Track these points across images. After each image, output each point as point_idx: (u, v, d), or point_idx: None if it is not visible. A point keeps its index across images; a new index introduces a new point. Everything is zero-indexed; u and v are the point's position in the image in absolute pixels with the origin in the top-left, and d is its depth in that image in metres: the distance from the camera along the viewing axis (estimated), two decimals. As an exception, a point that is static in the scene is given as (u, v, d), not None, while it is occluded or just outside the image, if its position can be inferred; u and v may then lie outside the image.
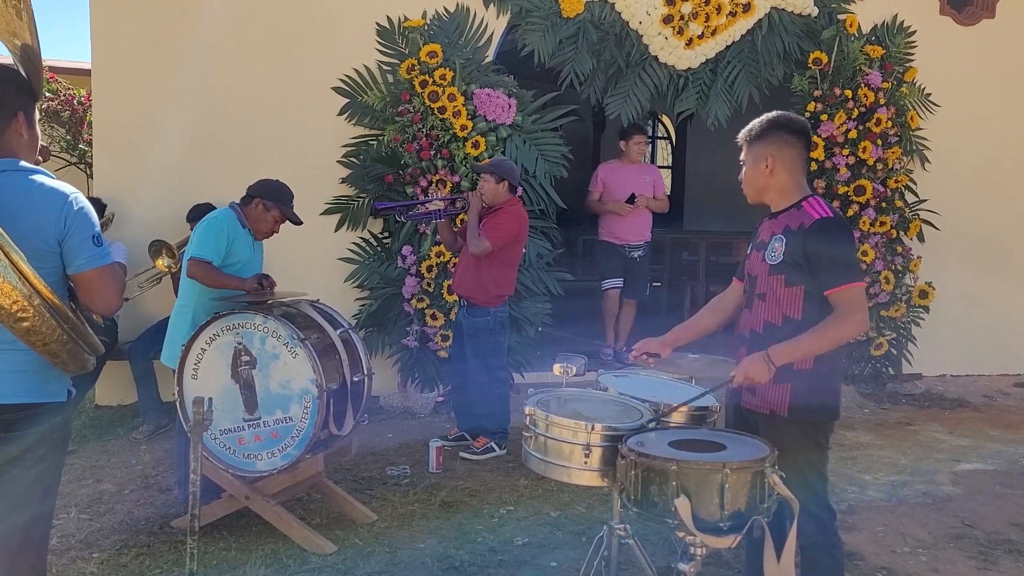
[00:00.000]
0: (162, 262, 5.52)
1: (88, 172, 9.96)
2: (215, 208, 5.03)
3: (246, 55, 5.95)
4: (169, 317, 5.22)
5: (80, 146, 9.74)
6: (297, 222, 4.16)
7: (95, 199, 5.64)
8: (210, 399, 2.59)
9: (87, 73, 10.81)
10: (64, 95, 9.72)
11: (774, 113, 2.78)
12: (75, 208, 2.14)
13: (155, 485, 4.42)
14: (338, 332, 3.87)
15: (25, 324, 1.95)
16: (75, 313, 2.18)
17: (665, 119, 15.63)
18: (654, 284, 10.71)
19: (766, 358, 2.58)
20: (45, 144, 2.42)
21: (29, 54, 2.18)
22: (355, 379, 3.87)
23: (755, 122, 2.78)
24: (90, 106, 9.62)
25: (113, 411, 5.74)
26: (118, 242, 5.60)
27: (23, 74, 2.23)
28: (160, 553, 3.57)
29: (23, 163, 2.15)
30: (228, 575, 3.38)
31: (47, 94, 9.69)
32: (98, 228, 2.20)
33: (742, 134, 2.81)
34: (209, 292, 3.89)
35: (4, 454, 2.10)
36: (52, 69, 10.24)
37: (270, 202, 4.04)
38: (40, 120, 8.50)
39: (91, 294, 2.19)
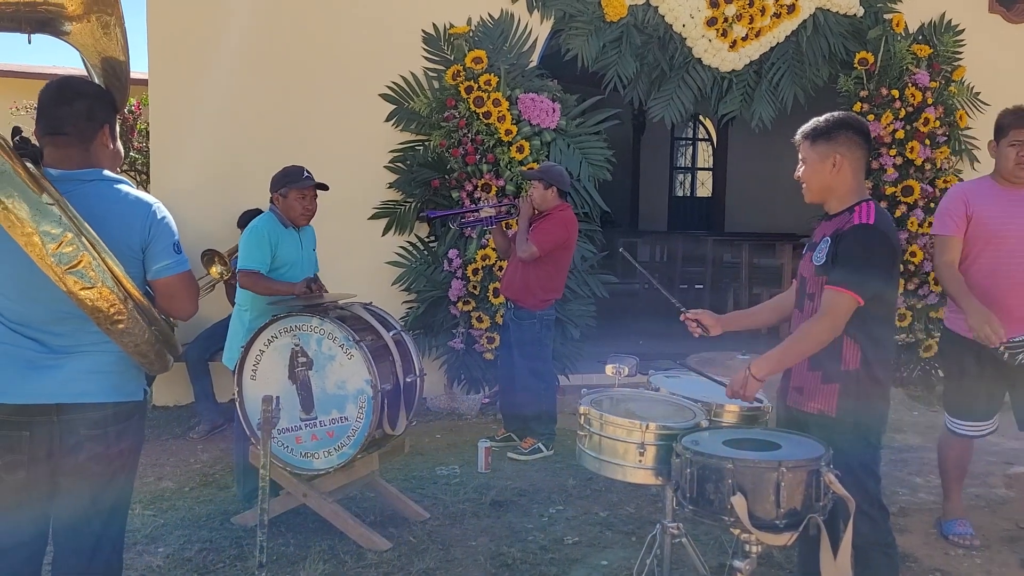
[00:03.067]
0: (215, 270, 5.68)
1: (138, 179, 10.21)
2: (263, 213, 5.17)
3: (296, 64, 6.08)
4: (223, 320, 5.41)
5: (131, 153, 9.98)
6: (322, 187, 4.15)
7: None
8: (278, 397, 2.69)
9: (137, 83, 11.10)
10: (116, 104, 9.98)
11: (840, 112, 2.78)
12: (158, 217, 2.24)
13: (214, 483, 4.54)
14: (391, 334, 3.95)
15: (120, 326, 2.05)
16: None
17: (707, 121, 15.60)
18: (696, 287, 10.73)
19: (747, 373, 2.63)
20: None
21: (116, 69, 2.27)
22: (407, 380, 3.95)
23: (820, 120, 2.75)
24: (140, 115, 9.87)
25: (169, 411, 5.90)
26: (174, 248, 5.75)
27: (107, 90, 2.33)
28: (222, 548, 3.68)
29: (107, 172, 2.25)
30: (288, 570, 3.48)
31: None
32: (177, 236, 2.30)
33: (804, 131, 2.77)
34: (266, 295, 3.99)
35: (88, 451, 2.19)
36: (104, 79, 10.51)
37: (283, 189, 4.07)
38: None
39: (171, 299, 2.29)
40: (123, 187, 2.24)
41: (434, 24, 6.22)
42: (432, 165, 6.12)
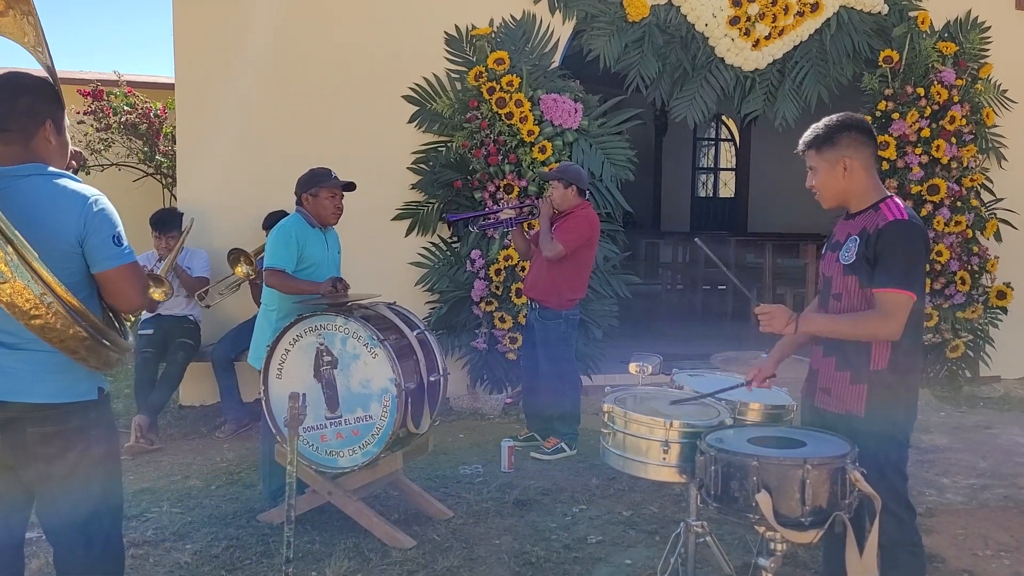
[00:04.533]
0: (241, 269, 5.74)
1: (164, 182, 10.31)
2: (288, 215, 5.23)
3: (320, 68, 6.13)
4: (248, 320, 5.46)
5: (156, 157, 10.09)
6: (349, 187, 4.22)
7: (172, 210, 5.87)
8: (304, 395, 2.72)
9: (163, 87, 11.22)
10: (141, 108, 10.10)
11: (838, 116, 2.74)
12: (95, 210, 2.17)
13: (240, 481, 4.58)
14: (415, 333, 3.98)
15: (38, 322, 2.01)
16: (104, 312, 2.26)
17: (729, 121, 15.52)
18: (719, 288, 10.68)
19: (794, 318, 2.62)
20: (79, 150, 2.48)
21: (47, 64, 2.25)
22: (431, 379, 3.96)
23: (818, 128, 2.72)
24: (165, 118, 9.98)
25: (196, 411, 5.97)
26: (201, 250, 5.83)
27: (52, 83, 2.29)
28: (248, 545, 3.72)
29: (49, 168, 2.20)
30: (314, 567, 3.50)
31: (125, 107, 10.08)
32: (119, 229, 2.23)
33: (806, 141, 2.75)
34: (292, 295, 4.03)
35: (41, 452, 2.16)
36: (130, 84, 10.66)
37: (313, 188, 4.14)
38: (119, 132, 8.73)
39: (113, 292, 2.24)
40: (62, 181, 2.19)
41: (456, 25, 6.24)
42: (455, 166, 6.14)
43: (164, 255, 5.48)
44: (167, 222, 5.65)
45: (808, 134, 2.75)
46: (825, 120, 2.74)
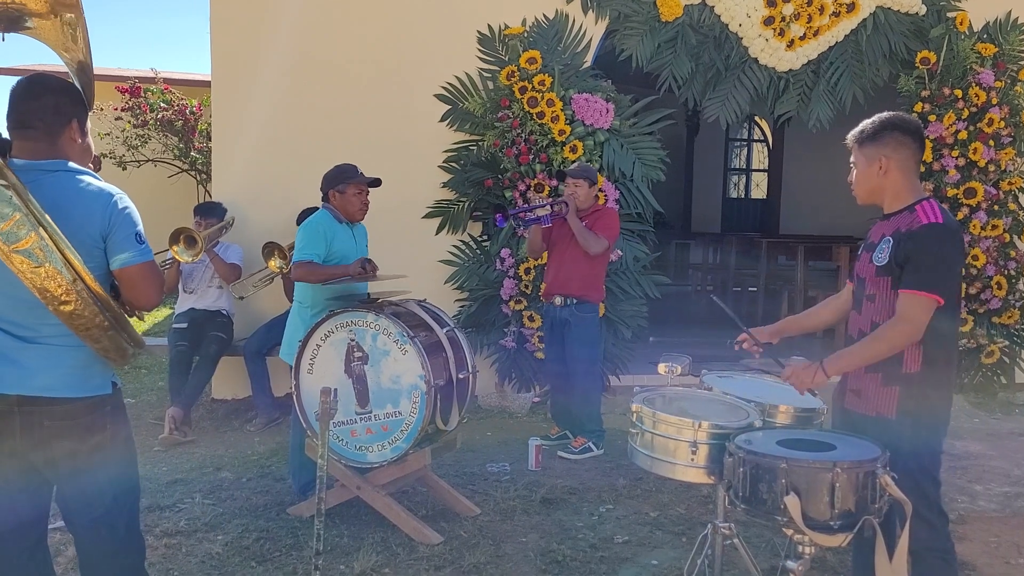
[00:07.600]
0: (274, 263, 5.80)
1: (198, 178, 10.46)
2: (323, 211, 5.28)
3: (354, 66, 6.19)
4: (280, 315, 5.53)
5: (191, 154, 10.23)
6: (375, 183, 4.25)
7: (217, 203, 5.95)
8: (335, 389, 2.75)
9: (199, 84, 11.37)
10: (177, 106, 10.25)
11: (887, 114, 2.74)
12: (119, 207, 2.23)
13: (270, 474, 4.65)
14: (444, 331, 4.00)
15: (68, 308, 2.06)
16: (119, 306, 2.29)
17: (762, 122, 15.40)
18: (750, 289, 10.61)
19: (819, 367, 2.62)
20: (97, 155, 2.53)
21: (84, 67, 2.31)
22: (460, 376, 3.99)
23: (867, 122, 2.74)
24: (200, 115, 10.12)
25: (228, 404, 6.05)
26: (235, 244, 5.91)
27: (77, 85, 2.35)
28: (279, 537, 3.77)
29: (71, 164, 2.25)
30: (343, 561, 3.54)
31: (162, 104, 10.23)
32: (140, 227, 2.28)
33: (853, 135, 2.77)
34: (324, 291, 4.07)
35: (57, 446, 2.20)
36: (167, 81, 10.83)
37: (340, 185, 4.17)
38: (156, 129, 8.90)
39: (132, 289, 2.28)
40: (86, 178, 2.25)
41: (489, 25, 6.26)
42: (485, 165, 6.16)
43: None
44: (211, 210, 5.85)
45: (857, 127, 2.77)
46: (877, 116, 2.75)
